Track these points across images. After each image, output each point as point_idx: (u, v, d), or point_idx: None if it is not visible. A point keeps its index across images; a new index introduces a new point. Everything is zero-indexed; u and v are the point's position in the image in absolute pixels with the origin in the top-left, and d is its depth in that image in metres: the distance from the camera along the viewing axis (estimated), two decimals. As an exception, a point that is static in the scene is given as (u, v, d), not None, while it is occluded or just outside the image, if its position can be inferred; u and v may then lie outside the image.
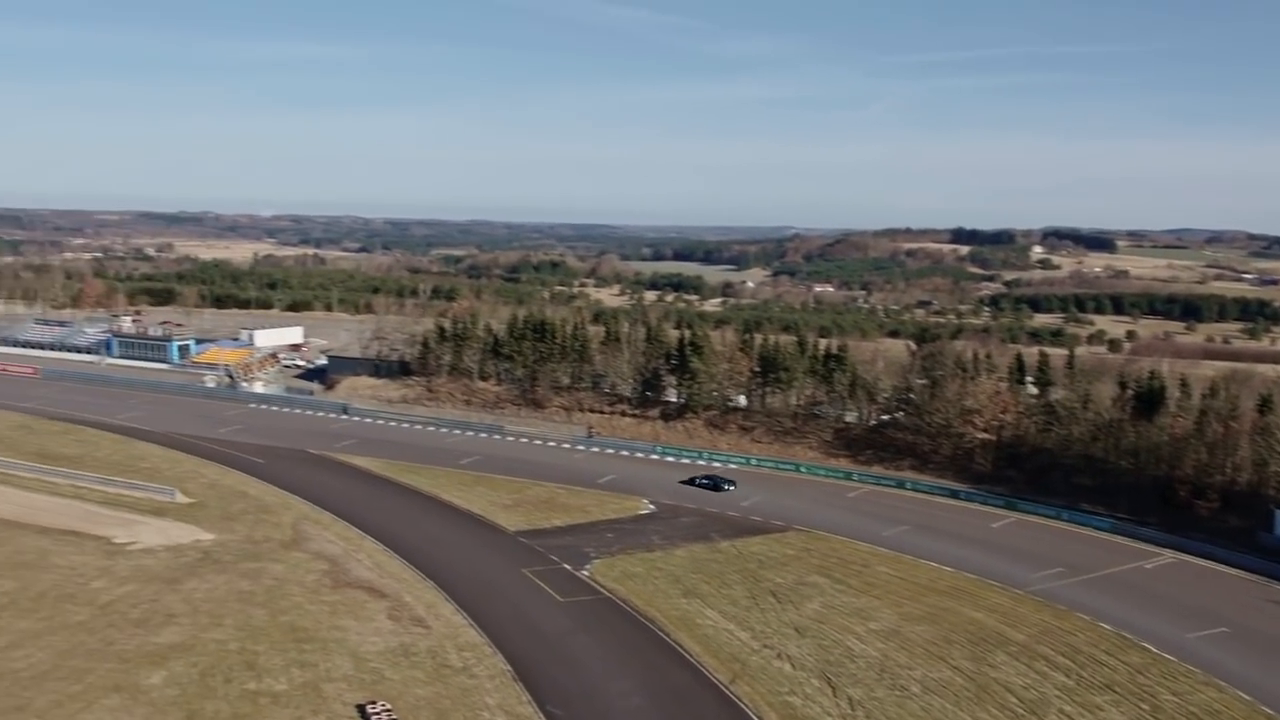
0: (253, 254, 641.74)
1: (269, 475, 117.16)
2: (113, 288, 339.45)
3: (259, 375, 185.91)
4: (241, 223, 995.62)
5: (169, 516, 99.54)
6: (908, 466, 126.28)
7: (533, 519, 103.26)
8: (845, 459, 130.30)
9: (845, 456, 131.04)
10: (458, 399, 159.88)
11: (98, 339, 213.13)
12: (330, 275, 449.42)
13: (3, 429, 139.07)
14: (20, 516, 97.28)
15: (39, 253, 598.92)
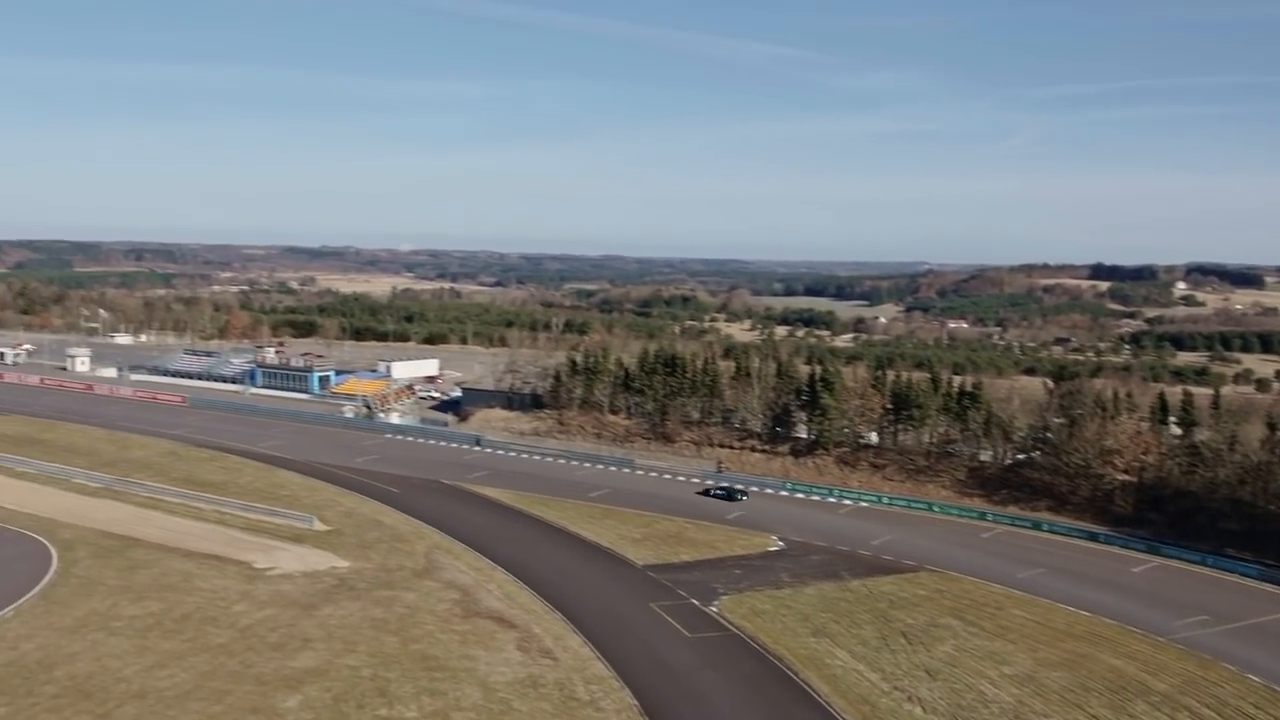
0: (391, 288, 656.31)
1: (403, 505, 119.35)
2: (258, 320, 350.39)
3: (395, 406, 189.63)
4: (381, 257, 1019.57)
5: (307, 543, 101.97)
6: (1044, 507, 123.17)
7: (661, 553, 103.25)
8: (979, 499, 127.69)
9: (979, 496, 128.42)
10: (588, 432, 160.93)
11: (243, 369, 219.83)
12: (466, 309, 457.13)
13: (153, 455, 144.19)
14: (167, 540, 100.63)
15: (189, 286, 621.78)
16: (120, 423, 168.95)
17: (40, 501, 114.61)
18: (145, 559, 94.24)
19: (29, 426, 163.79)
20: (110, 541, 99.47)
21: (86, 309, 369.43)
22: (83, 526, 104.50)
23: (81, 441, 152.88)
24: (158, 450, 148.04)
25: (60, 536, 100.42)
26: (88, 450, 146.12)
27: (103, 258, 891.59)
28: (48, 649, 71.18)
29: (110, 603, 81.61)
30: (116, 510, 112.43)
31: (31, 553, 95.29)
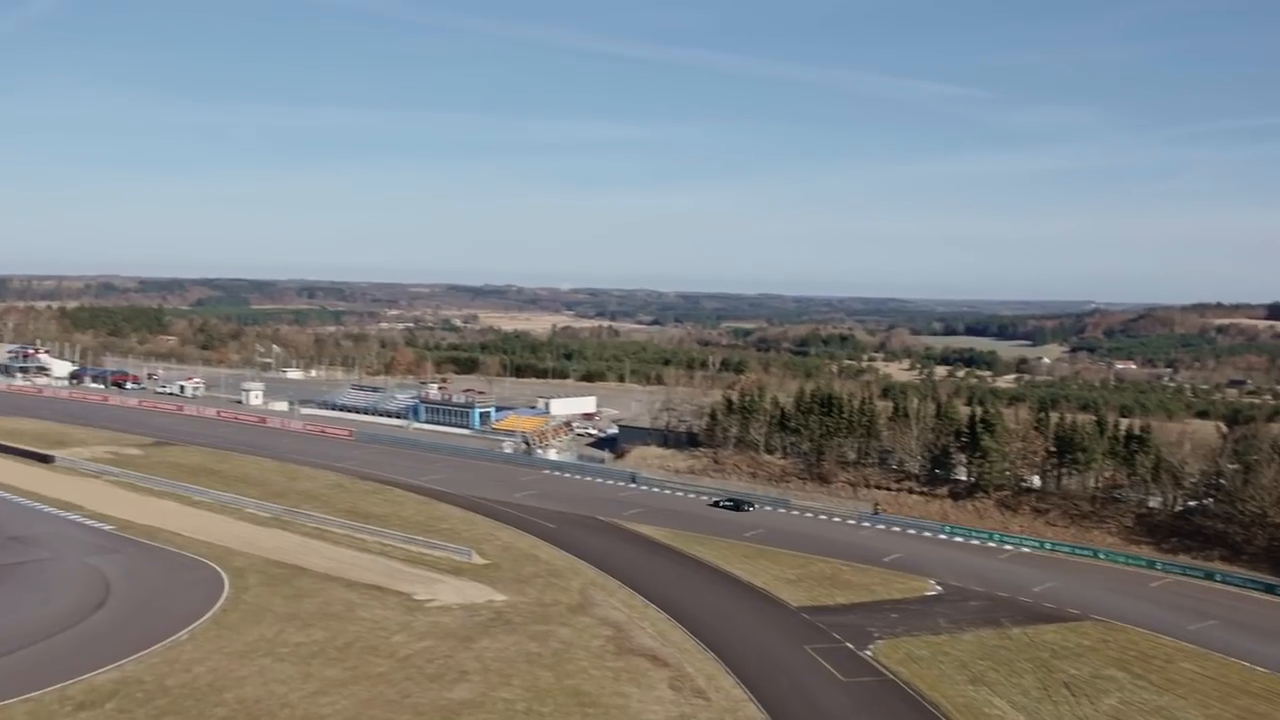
0: (551, 326, 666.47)
1: (559, 540, 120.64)
2: (422, 356, 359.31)
3: (553, 442, 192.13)
4: (542, 296, 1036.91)
5: (465, 576, 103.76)
6: (1217, 557, 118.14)
7: (816, 595, 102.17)
8: (1147, 546, 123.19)
9: (1147, 544, 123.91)
10: (743, 471, 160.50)
11: (407, 404, 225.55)
12: (623, 347, 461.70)
13: (320, 487, 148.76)
14: (331, 570, 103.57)
15: (358, 323, 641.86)
16: (290, 455, 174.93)
17: (215, 529, 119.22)
18: (311, 588, 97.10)
19: (206, 457, 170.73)
20: (279, 570, 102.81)
21: (261, 345, 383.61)
22: (253, 554, 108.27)
23: (254, 472, 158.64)
24: (325, 482, 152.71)
25: (232, 564, 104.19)
26: (259, 481, 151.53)
27: (278, 295, 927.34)
28: (218, 672, 73.79)
29: (277, 629, 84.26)
30: (285, 539, 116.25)
31: (206, 579, 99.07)
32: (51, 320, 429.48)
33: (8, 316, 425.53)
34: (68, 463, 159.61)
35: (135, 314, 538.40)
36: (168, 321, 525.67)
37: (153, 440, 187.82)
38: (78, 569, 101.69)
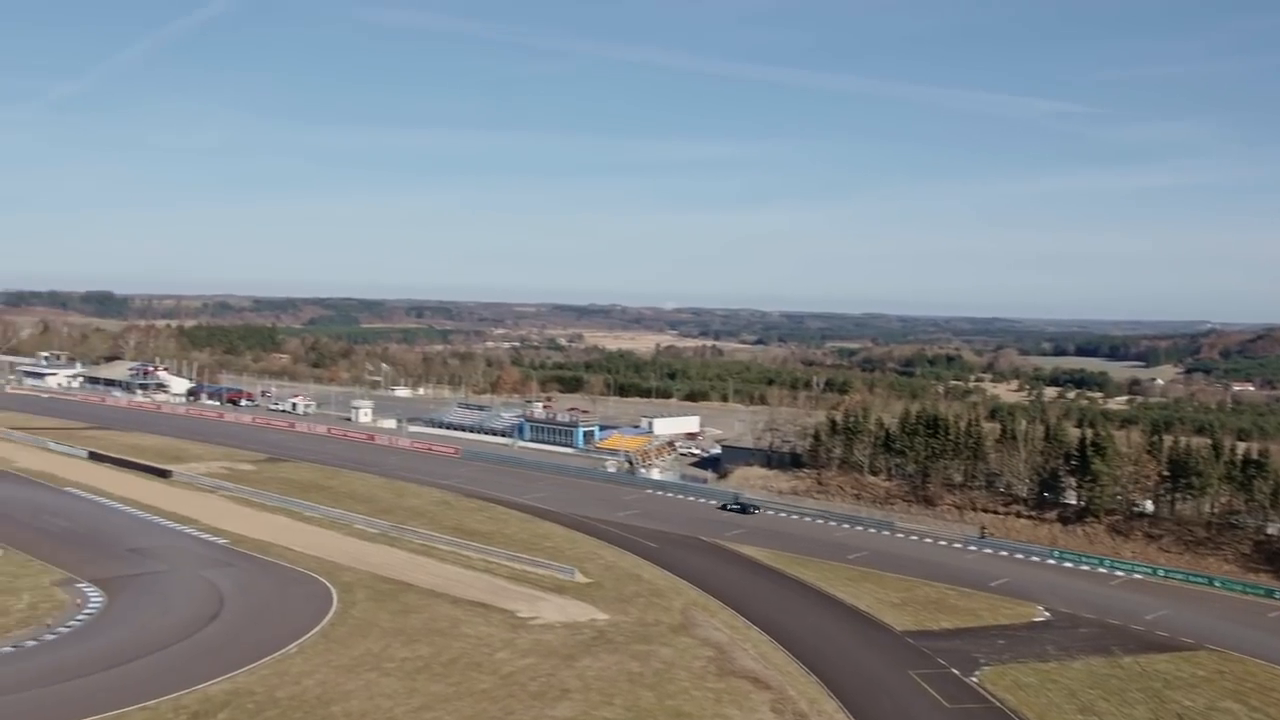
0: (655, 345, 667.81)
1: (662, 560, 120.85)
2: (527, 375, 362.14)
3: (656, 462, 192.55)
4: (646, 315, 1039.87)
5: (568, 594, 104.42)
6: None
7: (920, 619, 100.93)
8: (1266, 575, 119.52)
9: (1266, 572, 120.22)
10: (847, 493, 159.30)
11: (512, 423, 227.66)
12: (727, 366, 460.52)
13: (426, 504, 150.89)
14: (437, 586, 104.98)
15: (464, 342, 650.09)
16: (397, 472, 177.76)
17: (324, 545, 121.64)
18: (417, 603, 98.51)
19: (316, 473, 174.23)
20: (385, 585, 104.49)
21: (370, 363, 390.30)
22: (361, 570, 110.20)
23: (362, 489, 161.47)
24: (431, 499, 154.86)
25: (341, 579, 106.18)
26: (367, 497, 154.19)
27: (387, 315, 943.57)
28: (326, 685, 75.21)
29: (384, 644, 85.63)
30: (392, 555, 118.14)
31: (315, 593, 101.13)
32: (170, 339, 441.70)
33: (129, 335, 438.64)
34: (185, 478, 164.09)
35: (250, 333, 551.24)
36: (281, 340, 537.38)
37: (265, 456, 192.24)
38: (194, 581, 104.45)
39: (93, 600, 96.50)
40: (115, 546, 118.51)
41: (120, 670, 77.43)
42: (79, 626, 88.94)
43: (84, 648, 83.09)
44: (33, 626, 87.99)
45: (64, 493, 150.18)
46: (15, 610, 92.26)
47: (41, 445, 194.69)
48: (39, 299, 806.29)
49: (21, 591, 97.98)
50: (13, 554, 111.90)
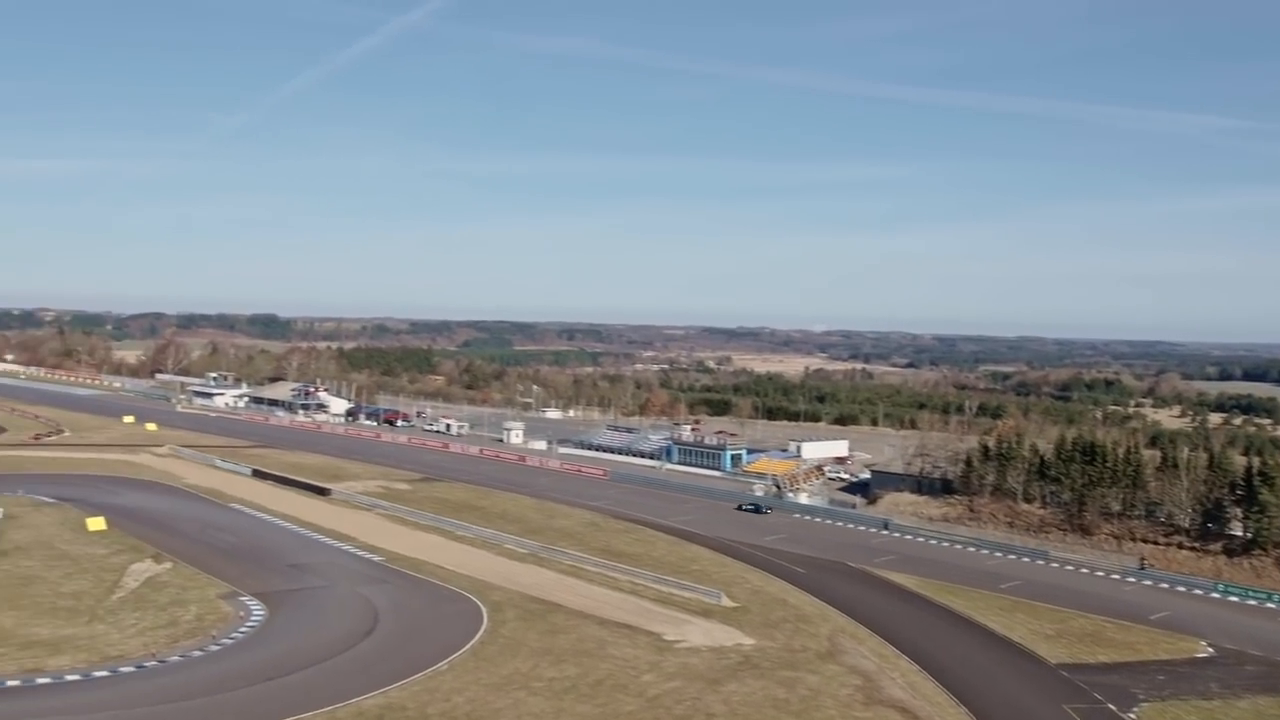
0: (804, 368, 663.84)
1: (809, 585, 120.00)
2: (675, 398, 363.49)
3: (804, 486, 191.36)
4: (795, 338, 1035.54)
5: (714, 618, 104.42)
6: None
7: (1075, 652, 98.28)
8: None
9: None
10: (1000, 520, 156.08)
11: (660, 445, 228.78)
12: (877, 390, 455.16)
13: (575, 525, 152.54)
14: (585, 607, 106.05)
15: (614, 364, 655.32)
16: (547, 493, 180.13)
17: (475, 564, 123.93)
18: (565, 624, 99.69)
19: (468, 493, 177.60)
20: (534, 605, 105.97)
21: (522, 385, 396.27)
22: (511, 589, 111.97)
23: (513, 509, 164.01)
24: (580, 520, 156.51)
25: (491, 598, 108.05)
26: (518, 518, 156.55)
27: (539, 337, 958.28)
28: (475, 703, 76.63)
29: (532, 664, 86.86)
30: (541, 576, 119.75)
31: (466, 611, 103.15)
32: (331, 360, 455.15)
33: (292, 356, 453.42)
34: (343, 495, 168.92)
35: (406, 355, 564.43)
36: (436, 362, 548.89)
37: (420, 476, 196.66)
38: (350, 597, 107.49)
39: (255, 613, 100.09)
40: (276, 562, 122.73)
41: (279, 682, 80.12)
42: (241, 638, 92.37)
43: (246, 659, 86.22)
44: (199, 637, 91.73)
45: (229, 509, 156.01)
46: (183, 621, 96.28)
47: (209, 463, 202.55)
48: (208, 322, 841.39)
49: (189, 603, 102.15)
50: (182, 567, 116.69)
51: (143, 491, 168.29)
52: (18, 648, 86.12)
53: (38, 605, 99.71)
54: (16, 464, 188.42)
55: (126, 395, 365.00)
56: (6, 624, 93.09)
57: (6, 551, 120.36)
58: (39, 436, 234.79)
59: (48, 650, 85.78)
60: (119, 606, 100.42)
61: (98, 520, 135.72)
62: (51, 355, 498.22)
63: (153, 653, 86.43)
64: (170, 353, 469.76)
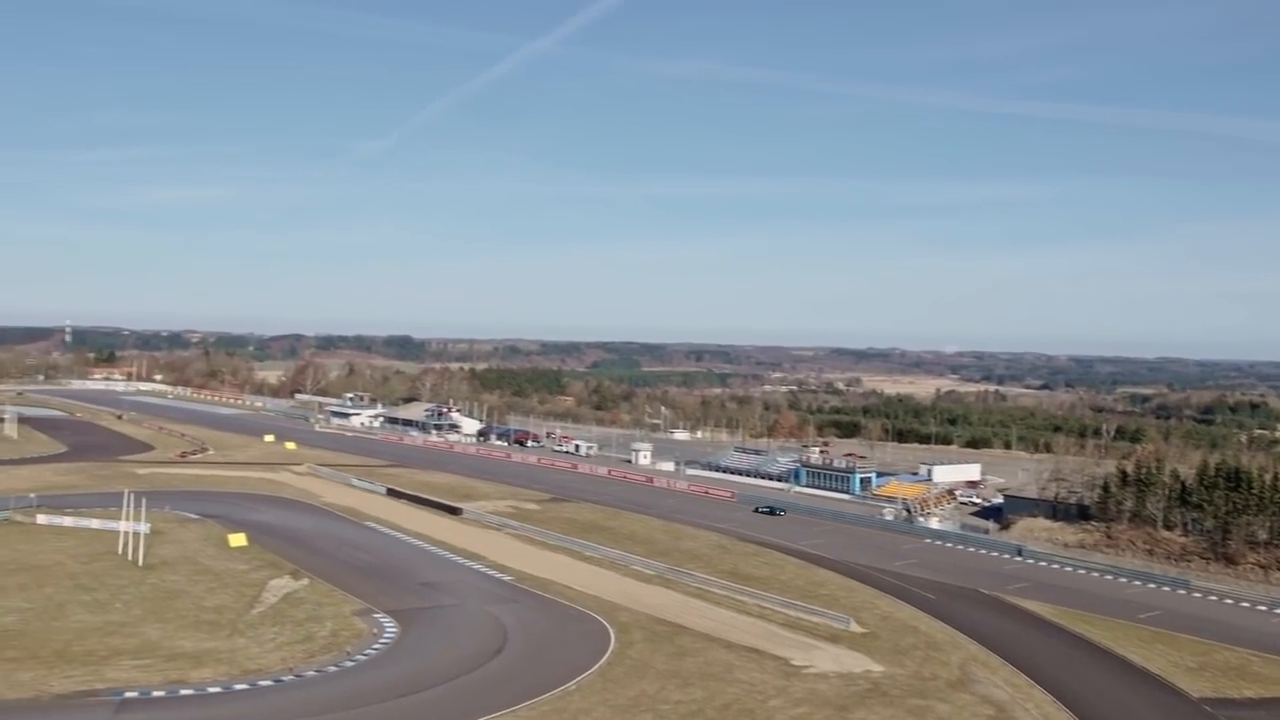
0: (935, 389, 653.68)
1: (939, 612, 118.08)
2: (804, 420, 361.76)
3: (935, 510, 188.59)
4: (926, 359, 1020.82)
5: (843, 644, 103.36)
6: None
7: (1220, 686, 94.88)
8: None
9: None
10: (1138, 548, 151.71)
11: (788, 468, 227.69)
12: (1010, 412, 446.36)
13: (702, 547, 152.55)
14: (711, 630, 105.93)
15: (742, 385, 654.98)
16: (674, 514, 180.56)
17: (603, 585, 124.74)
18: (691, 647, 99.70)
19: (596, 514, 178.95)
20: (661, 627, 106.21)
21: (650, 406, 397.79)
22: (638, 611, 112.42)
23: (640, 530, 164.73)
24: (707, 542, 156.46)
25: (618, 619, 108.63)
26: (645, 539, 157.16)
27: (667, 358, 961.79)
28: (603, 724, 77.12)
29: (659, 686, 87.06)
30: (667, 597, 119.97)
31: (593, 632, 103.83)
32: (463, 381, 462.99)
33: (425, 377, 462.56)
34: (473, 515, 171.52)
35: (537, 375, 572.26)
36: (566, 383, 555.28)
37: (549, 496, 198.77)
38: (479, 616, 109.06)
39: (388, 630, 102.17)
40: (409, 580, 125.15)
41: (411, 699, 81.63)
42: (375, 655, 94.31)
43: (379, 676, 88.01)
44: (334, 653, 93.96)
45: (364, 527, 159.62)
46: (319, 637, 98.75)
47: (345, 481, 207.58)
48: (346, 343, 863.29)
49: (325, 619, 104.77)
50: (318, 583, 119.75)
51: (282, 509, 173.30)
52: (163, 659, 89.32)
53: (182, 618, 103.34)
54: (164, 481, 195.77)
55: (267, 415, 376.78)
56: (153, 636, 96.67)
57: (153, 566, 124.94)
58: (184, 454, 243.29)
59: (191, 662, 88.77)
60: (258, 621, 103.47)
61: (239, 536, 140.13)
62: (197, 376, 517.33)
63: (290, 667, 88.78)
64: (309, 373, 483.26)
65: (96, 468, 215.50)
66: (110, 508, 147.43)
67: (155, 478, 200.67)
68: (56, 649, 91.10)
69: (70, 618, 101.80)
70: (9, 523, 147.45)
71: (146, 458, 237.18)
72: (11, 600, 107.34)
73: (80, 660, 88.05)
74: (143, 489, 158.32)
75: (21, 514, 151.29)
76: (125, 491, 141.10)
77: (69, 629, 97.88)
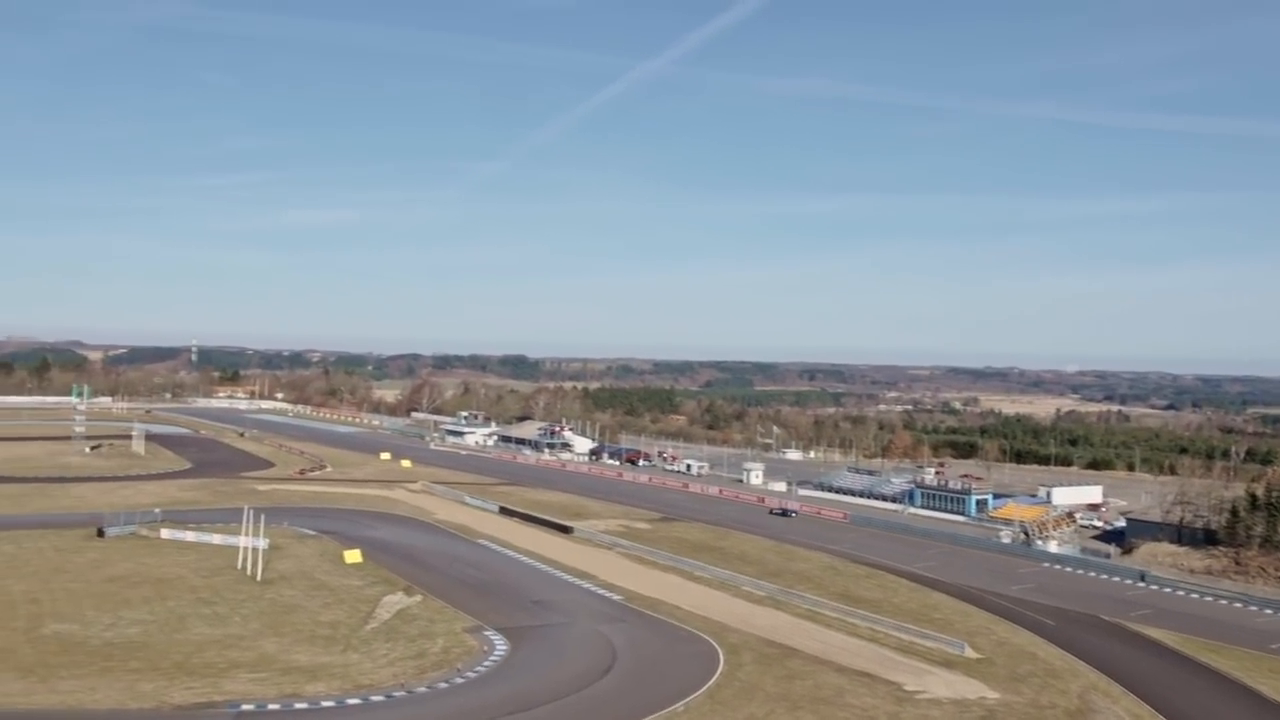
0: (1055, 409, 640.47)
1: (1058, 638, 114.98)
2: (919, 440, 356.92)
3: (1054, 534, 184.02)
4: (1045, 378, 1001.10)
5: (957, 670, 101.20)
6: None
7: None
8: None
9: None
10: (1270, 575, 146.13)
11: (902, 489, 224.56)
12: (1133, 433, 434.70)
13: (814, 569, 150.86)
14: (822, 653, 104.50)
15: (856, 405, 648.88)
16: (786, 535, 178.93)
17: (712, 605, 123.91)
18: (801, 669, 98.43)
19: (706, 534, 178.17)
20: (771, 649, 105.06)
21: (762, 426, 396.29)
22: (747, 632, 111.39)
23: (751, 551, 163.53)
24: (818, 564, 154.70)
25: (727, 640, 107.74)
26: (756, 559, 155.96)
27: (779, 377, 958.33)
28: (711, 747, 76.42)
29: (768, 709, 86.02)
30: (778, 619, 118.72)
31: (702, 653, 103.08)
32: (576, 400, 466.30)
33: (539, 396, 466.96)
34: (584, 534, 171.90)
35: (649, 394, 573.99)
36: (678, 402, 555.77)
37: (660, 515, 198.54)
38: (589, 635, 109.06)
39: (498, 648, 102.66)
40: (520, 597, 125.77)
41: (519, 717, 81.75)
42: (485, 672, 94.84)
43: (489, 693, 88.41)
44: (445, 669, 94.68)
45: (477, 544, 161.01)
46: (431, 653, 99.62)
47: (458, 499, 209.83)
48: (461, 362, 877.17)
49: (437, 636, 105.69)
50: (431, 600, 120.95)
51: (396, 526, 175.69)
52: (279, 673, 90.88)
53: (298, 632, 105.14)
54: (283, 497, 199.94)
55: (384, 433, 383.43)
56: (270, 649, 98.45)
57: (271, 581, 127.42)
58: (303, 471, 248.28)
59: (306, 676, 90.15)
60: (372, 637, 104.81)
61: (354, 553, 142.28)
62: (317, 394, 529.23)
63: (401, 683, 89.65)
64: (425, 392, 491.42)
65: (219, 484, 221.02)
66: (231, 523, 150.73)
67: (275, 494, 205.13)
68: (177, 661, 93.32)
69: (191, 630, 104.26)
70: (135, 537, 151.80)
71: (267, 474, 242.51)
72: (136, 612, 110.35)
73: (199, 672, 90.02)
74: (262, 505, 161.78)
75: (147, 528, 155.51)
76: (245, 507, 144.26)
77: (189, 641, 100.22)
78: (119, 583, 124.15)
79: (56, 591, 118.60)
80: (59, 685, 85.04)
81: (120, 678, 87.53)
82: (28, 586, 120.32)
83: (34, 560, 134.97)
